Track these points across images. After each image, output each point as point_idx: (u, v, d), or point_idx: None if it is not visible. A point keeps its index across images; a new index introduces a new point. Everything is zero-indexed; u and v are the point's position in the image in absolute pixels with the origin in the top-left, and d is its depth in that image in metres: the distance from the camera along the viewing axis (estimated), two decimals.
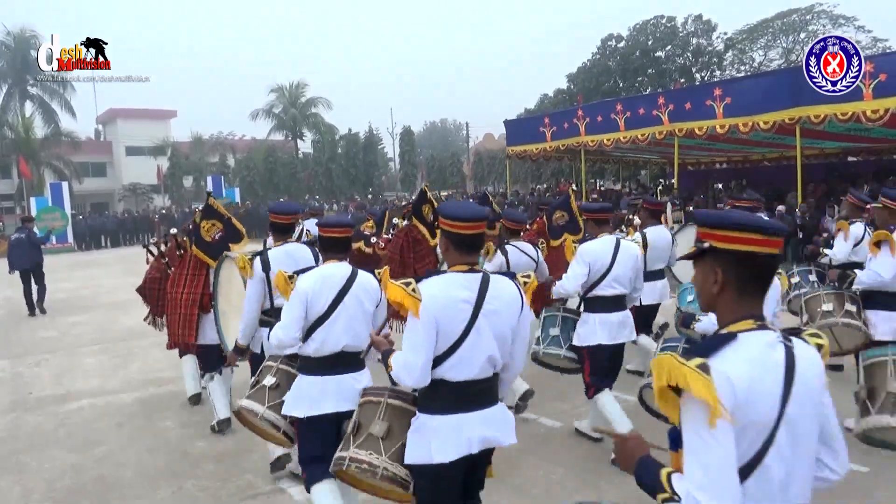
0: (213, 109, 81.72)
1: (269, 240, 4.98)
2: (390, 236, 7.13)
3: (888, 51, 24.18)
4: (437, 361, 2.56)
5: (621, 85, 34.93)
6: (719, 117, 13.83)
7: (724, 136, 14.18)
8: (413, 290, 2.52)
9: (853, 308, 4.79)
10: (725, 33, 35.48)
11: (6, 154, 36.74)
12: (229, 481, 4.58)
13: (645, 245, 5.57)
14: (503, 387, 2.81)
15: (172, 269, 5.90)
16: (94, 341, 9.61)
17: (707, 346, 1.58)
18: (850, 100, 11.25)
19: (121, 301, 13.13)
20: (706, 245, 1.73)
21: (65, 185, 30.68)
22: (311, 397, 3.27)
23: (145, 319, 6.78)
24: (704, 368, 1.49)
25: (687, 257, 1.80)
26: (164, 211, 34.61)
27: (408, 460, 2.62)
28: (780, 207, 13.67)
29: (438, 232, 2.92)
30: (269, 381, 3.54)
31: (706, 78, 33.80)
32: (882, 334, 4.61)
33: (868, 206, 5.74)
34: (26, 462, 5.17)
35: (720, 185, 19.39)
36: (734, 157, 21.75)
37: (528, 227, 6.98)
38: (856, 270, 4.86)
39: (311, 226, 8.54)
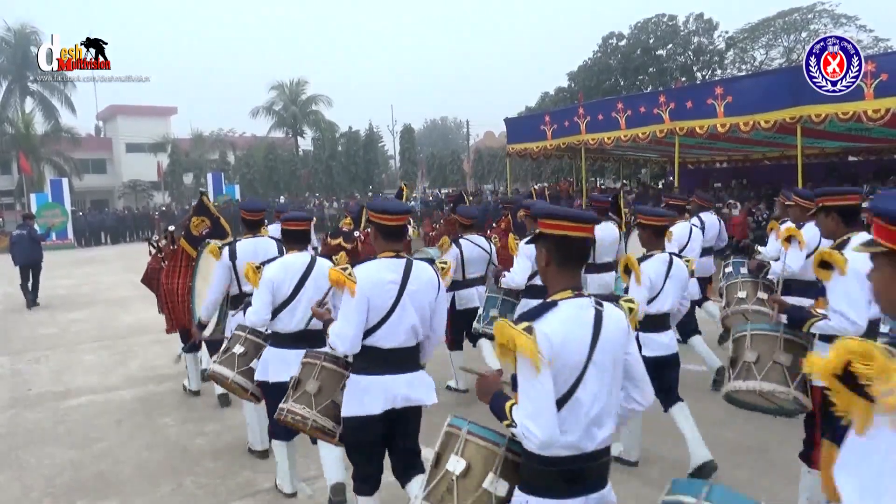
0: (213, 107, 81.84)
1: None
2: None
3: (889, 50, 24.16)
4: (370, 332, 3.01)
5: (622, 83, 34.81)
6: (720, 116, 13.78)
7: (724, 134, 14.12)
8: (349, 273, 2.97)
9: (765, 296, 5.23)
10: (727, 32, 35.35)
11: (6, 150, 36.70)
12: (228, 478, 4.58)
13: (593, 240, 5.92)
14: (425, 354, 3.28)
15: (166, 262, 6.28)
16: (94, 338, 9.63)
17: (534, 312, 2.06)
18: (852, 99, 11.20)
19: (121, 298, 13.17)
20: (537, 231, 2.23)
21: (65, 181, 30.75)
22: (277, 367, 3.80)
23: (160, 312, 6.93)
24: (529, 330, 1.98)
25: (527, 242, 2.32)
26: (164, 208, 34.67)
27: (344, 413, 3.09)
28: None
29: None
30: (238, 349, 4.08)
31: (707, 77, 33.68)
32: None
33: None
34: (25, 458, 5.18)
35: (720, 184, 19.38)
36: (735, 156, 21.71)
37: (494, 224, 7.71)
38: (770, 261, 5.28)
39: None
